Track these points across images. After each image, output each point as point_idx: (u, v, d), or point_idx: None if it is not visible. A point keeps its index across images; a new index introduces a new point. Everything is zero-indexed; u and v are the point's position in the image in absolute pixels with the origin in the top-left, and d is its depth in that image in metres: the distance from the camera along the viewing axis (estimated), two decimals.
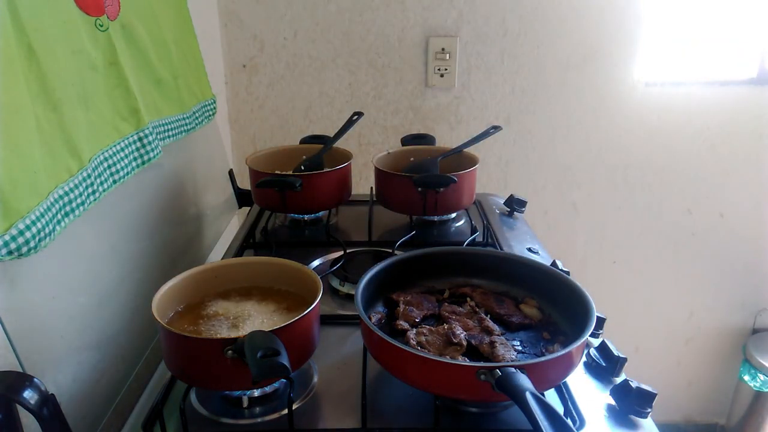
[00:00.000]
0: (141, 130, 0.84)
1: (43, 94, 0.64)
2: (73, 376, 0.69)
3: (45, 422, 0.52)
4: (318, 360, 0.78)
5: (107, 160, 0.76)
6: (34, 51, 0.62)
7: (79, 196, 0.68)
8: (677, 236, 1.79)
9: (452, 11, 1.55)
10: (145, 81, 0.89)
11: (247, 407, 0.71)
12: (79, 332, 0.71)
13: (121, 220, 0.84)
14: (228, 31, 1.56)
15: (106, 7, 0.78)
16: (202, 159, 1.18)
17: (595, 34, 1.57)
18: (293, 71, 1.60)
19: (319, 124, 1.65)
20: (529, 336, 0.75)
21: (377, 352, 0.69)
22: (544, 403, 0.54)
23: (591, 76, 1.60)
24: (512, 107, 1.64)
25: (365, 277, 0.77)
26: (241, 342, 0.61)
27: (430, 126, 1.65)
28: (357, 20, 1.55)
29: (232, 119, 1.65)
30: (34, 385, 0.52)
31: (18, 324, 0.59)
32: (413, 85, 1.62)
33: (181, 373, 0.69)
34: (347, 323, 0.86)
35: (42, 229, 0.59)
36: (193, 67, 1.11)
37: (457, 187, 1.08)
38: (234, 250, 1.08)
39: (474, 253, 0.90)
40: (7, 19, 0.58)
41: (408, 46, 1.58)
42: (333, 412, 0.70)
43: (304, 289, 0.77)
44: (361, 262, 1.01)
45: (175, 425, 0.68)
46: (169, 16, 0.99)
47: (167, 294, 0.74)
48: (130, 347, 0.84)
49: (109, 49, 0.78)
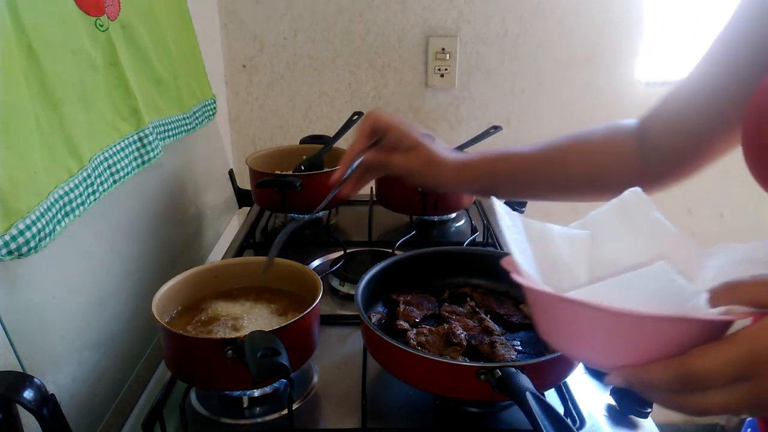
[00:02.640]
0: (141, 130, 0.84)
1: (43, 94, 0.64)
2: (73, 376, 0.69)
3: (45, 422, 0.52)
4: (318, 360, 0.78)
5: (107, 160, 0.76)
6: (34, 51, 0.62)
7: (79, 196, 0.68)
8: None
9: (452, 11, 1.55)
10: (145, 81, 0.89)
11: (247, 407, 0.71)
12: (79, 332, 0.71)
13: (121, 220, 0.84)
14: (228, 31, 1.56)
15: (106, 7, 0.78)
16: (202, 159, 1.18)
17: (595, 34, 1.57)
18: (293, 71, 1.60)
19: (319, 124, 1.65)
20: (530, 336, 0.75)
21: (377, 352, 0.69)
22: (545, 403, 0.54)
23: (591, 76, 1.60)
24: (512, 107, 1.64)
25: (365, 277, 0.77)
26: (241, 342, 0.61)
27: (430, 126, 1.65)
28: (357, 20, 1.55)
29: (232, 119, 1.64)
30: (34, 385, 0.52)
31: (18, 324, 0.59)
32: (413, 85, 1.62)
33: (181, 373, 0.69)
34: (347, 323, 0.86)
35: (42, 229, 0.59)
36: (193, 67, 1.11)
37: None
38: (234, 250, 1.08)
39: (474, 253, 0.90)
40: (7, 19, 0.58)
41: (408, 46, 1.58)
42: (333, 412, 0.70)
43: (304, 289, 0.77)
44: (361, 262, 1.01)
45: (175, 425, 0.68)
46: (169, 16, 0.99)
47: (167, 294, 0.74)
48: (130, 347, 0.84)
49: (109, 49, 0.78)
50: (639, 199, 0.52)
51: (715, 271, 0.45)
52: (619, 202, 0.52)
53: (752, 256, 0.43)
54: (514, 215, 0.51)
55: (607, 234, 0.52)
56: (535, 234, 0.51)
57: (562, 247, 0.51)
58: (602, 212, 0.53)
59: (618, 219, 0.52)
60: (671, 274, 0.38)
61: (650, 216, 0.52)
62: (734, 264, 0.44)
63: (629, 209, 0.52)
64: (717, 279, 0.41)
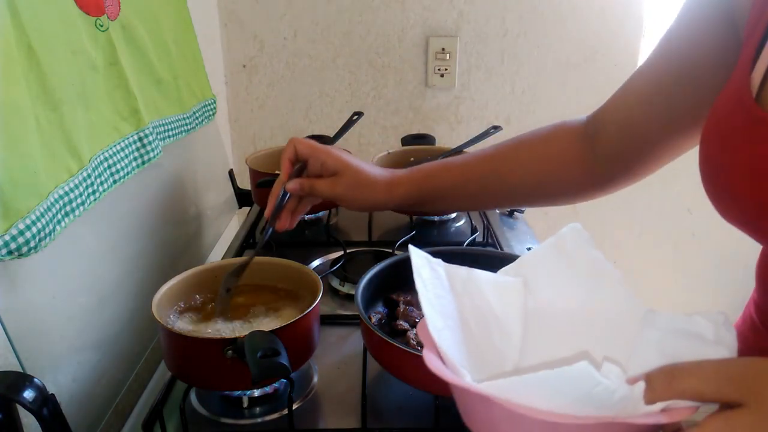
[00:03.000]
0: (141, 130, 0.84)
1: (43, 94, 0.64)
2: (73, 376, 0.69)
3: (45, 422, 0.52)
4: (318, 360, 0.78)
5: (107, 160, 0.76)
6: (34, 51, 0.62)
7: (79, 196, 0.68)
8: (677, 236, 1.79)
9: (452, 11, 1.55)
10: (145, 81, 0.89)
11: (247, 407, 0.71)
12: (79, 332, 0.71)
13: (121, 220, 0.84)
14: (228, 31, 1.56)
15: (106, 7, 0.78)
16: (202, 159, 1.18)
17: (595, 34, 1.57)
18: (293, 71, 1.60)
19: (319, 124, 1.65)
20: None
21: (377, 352, 0.69)
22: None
23: (591, 76, 1.60)
24: (512, 107, 1.64)
25: (365, 277, 0.77)
26: (241, 342, 0.61)
27: (430, 126, 1.65)
28: (357, 20, 1.55)
29: (232, 119, 1.64)
30: (34, 385, 0.52)
31: (18, 324, 0.59)
32: (413, 85, 1.62)
33: (181, 373, 0.69)
34: (347, 323, 0.86)
35: (42, 229, 0.59)
36: (193, 67, 1.11)
37: None
38: (234, 250, 1.08)
39: (474, 253, 0.90)
40: (7, 19, 0.58)
41: (408, 46, 1.58)
42: (333, 412, 0.70)
43: (304, 289, 0.77)
44: (361, 262, 1.01)
45: (175, 425, 0.68)
46: (169, 16, 0.99)
47: (167, 294, 0.74)
48: (130, 347, 0.84)
49: (109, 49, 0.78)
50: (578, 238, 0.49)
51: (655, 345, 0.41)
52: (556, 241, 0.49)
53: (695, 331, 0.39)
54: (435, 265, 0.47)
55: (543, 278, 0.49)
56: (461, 285, 0.48)
57: (492, 297, 0.48)
58: (537, 253, 0.50)
59: (554, 261, 0.49)
60: (595, 377, 0.34)
61: (590, 256, 0.48)
62: (675, 336, 0.41)
63: (567, 249, 0.49)
64: (657, 356, 0.38)
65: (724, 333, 0.38)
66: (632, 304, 0.46)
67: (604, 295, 0.47)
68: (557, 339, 0.48)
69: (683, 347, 0.39)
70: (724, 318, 0.39)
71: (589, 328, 0.48)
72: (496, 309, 0.48)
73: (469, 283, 0.48)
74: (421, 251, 0.46)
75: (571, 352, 0.47)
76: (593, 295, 0.47)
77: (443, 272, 0.47)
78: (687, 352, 0.38)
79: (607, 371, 0.35)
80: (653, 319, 0.43)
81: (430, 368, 0.40)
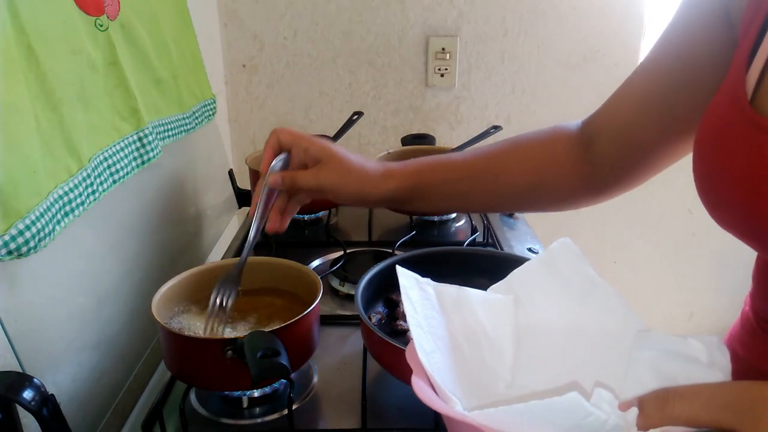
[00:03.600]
0: (141, 130, 0.84)
1: (43, 94, 0.64)
2: (73, 376, 0.69)
3: (45, 422, 0.52)
4: (318, 360, 0.78)
5: (107, 160, 0.76)
6: (34, 51, 0.62)
7: (78, 196, 0.68)
8: (677, 236, 1.79)
9: (452, 11, 1.55)
10: (145, 81, 0.89)
11: (247, 407, 0.71)
12: (79, 332, 0.71)
13: (121, 220, 0.84)
14: (228, 31, 1.56)
15: (105, 7, 0.78)
16: (202, 159, 1.18)
17: (595, 34, 1.57)
18: (293, 71, 1.60)
19: (319, 123, 1.65)
20: None
21: (377, 352, 0.69)
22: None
23: (591, 76, 1.60)
24: (512, 107, 1.64)
25: (365, 277, 0.77)
26: (240, 342, 0.61)
27: (430, 126, 1.65)
28: (357, 20, 1.55)
29: (232, 119, 1.64)
30: (34, 385, 0.52)
31: (18, 324, 0.59)
32: (413, 85, 1.62)
33: (181, 373, 0.69)
34: (347, 323, 0.86)
35: (42, 229, 0.59)
36: (193, 67, 1.11)
37: None
38: (234, 250, 1.08)
39: (474, 253, 0.90)
40: (7, 19, 0.58)
41: (408, 46, 1.58)
42: (333, 412, 0.70)
43: (304, 289, 0.77)
44: (361, 262, 1.01)
45: (175, 425, 0.68)
46: (169, 16, 0.99)
47: (167, 294, 0.74)
48: (130, 347, 0.84)
49: (108, 49, 0.78)
50: (568, 253, 0.48)
51: (648, 365, 0.41)
52: (547, 256, 0.48)
53: (689, 353, 0.39)
54: (425, 285, 0.46)
55: (533, 295, 0.48)
56: (451, 304, 0.47)
57: (483, 315, 0.47)
58: (528, 269, 0.49)
59: (545, 277, 0.48)
60: (586, 408, 0.34)
61: (581, 271, 0.47)
62: (668, 357, 0.40)
63: (557, 264, 0.48)
64: (650, 376, 0.38)
65: (717, 355, 0.38)
66: (628, 318, 0.45)
67: (597, 310, 0.46)
68: (550, 356, 0.47)
69: (677, 369, 0.38)
70: (717, 340, 0.39)
71: (582, 344, 0.47)
72: (487, 327, 0.47)
73: (460, 302, 0.47)
74: (409, 272, 0.45)
75: (564, 370, 0.47)
76: (585, 311, 0.47)
77: (432, 291, 0.47)
78: (681, 374, 0.37)
79: (599, 398, 0.35)
80: (645, 338, 0.42)
81: (419, 397, 0.39)
